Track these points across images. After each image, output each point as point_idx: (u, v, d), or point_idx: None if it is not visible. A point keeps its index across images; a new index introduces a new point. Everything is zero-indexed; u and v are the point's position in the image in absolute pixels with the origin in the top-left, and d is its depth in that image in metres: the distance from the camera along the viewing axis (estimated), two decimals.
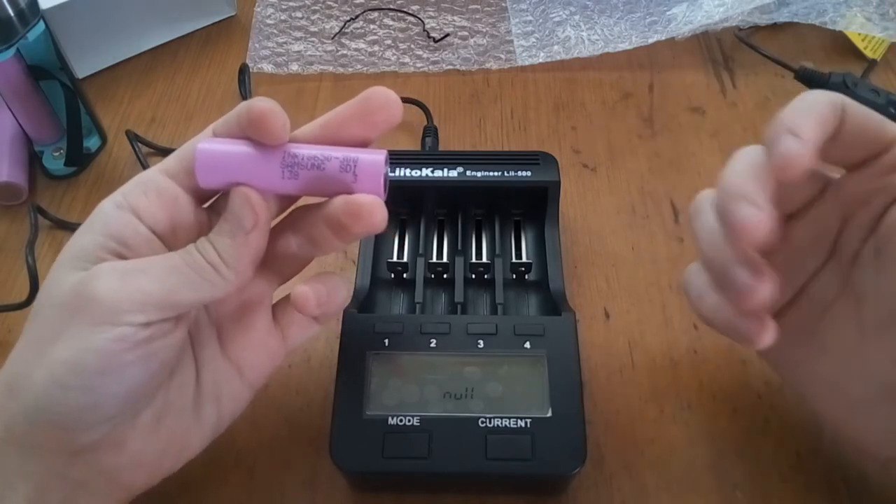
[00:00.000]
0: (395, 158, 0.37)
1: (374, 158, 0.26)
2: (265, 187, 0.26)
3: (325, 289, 0.28)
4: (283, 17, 0.53)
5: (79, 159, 0.44)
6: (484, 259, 0.37)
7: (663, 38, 0.49)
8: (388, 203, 0.26)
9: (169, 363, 0.26)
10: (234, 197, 0.25)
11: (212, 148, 0.26)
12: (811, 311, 0.28)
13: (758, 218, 0.22)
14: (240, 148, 0.25)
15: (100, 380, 0.23)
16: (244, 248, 0.25)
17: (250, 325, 0.29)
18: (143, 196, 0.26)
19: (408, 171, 0.37)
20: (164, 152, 0.45)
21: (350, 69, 0.49)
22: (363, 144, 0.27)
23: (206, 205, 0.28)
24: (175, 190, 0.26)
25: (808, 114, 0.24)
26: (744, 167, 0.24)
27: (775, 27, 0.49)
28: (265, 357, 0.29)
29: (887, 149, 0.25)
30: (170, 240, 0.26)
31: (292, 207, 0.29)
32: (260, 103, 0.25)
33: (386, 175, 0.26)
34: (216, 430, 0.29)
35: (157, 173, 0.27)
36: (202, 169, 0.25)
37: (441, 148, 0.45)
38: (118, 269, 0.24)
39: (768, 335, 0.25)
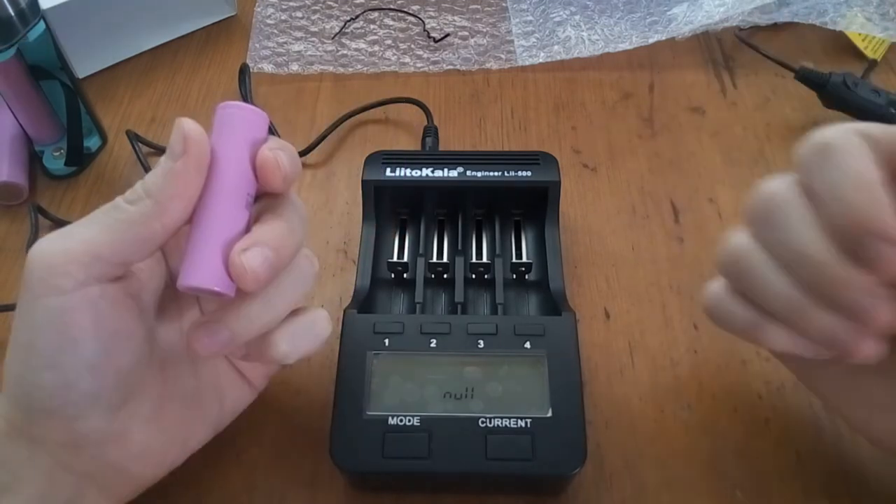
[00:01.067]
0: (395, 158, 0.37)
1: (183, 277, 0.24)
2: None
3: (288, 335, 0.26)
4: (283, 17, 0.53)
5: (79, 159, 0.44)
6: (484, 259, 0.37)
7: (663, 38, 0.49)
8: (388, 203, 0.26)
9: (128, 338, 0.25)
10: (175, 126, 0.24)
11: (237, 114, 0.25)
12: None
13: None
14: (237, 143, 0.25)
15: (59, 356, 0.23)
16: (170, 178, 0.23)
17: None
18: None
19: (408, 171, 0.37)
20: (165, 152, 0.45)
21: (350, 69, 0.49)
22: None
23: None
24: None
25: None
26: (866, 187, 0.22)
27: (775, 27, 0.49)
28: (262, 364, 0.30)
29: None
30: (171, 246, 0.27)
31: None
32: (272, 157, 0.24)
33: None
34: (219, 422, 0.29)
35: None
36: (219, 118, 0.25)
37: (441, 148, 0.45)
38: (46, 237, 0.24)
39: (874, 347, 0.24)
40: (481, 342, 0.32)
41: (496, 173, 0.36)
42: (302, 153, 0.44)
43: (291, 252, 0.25)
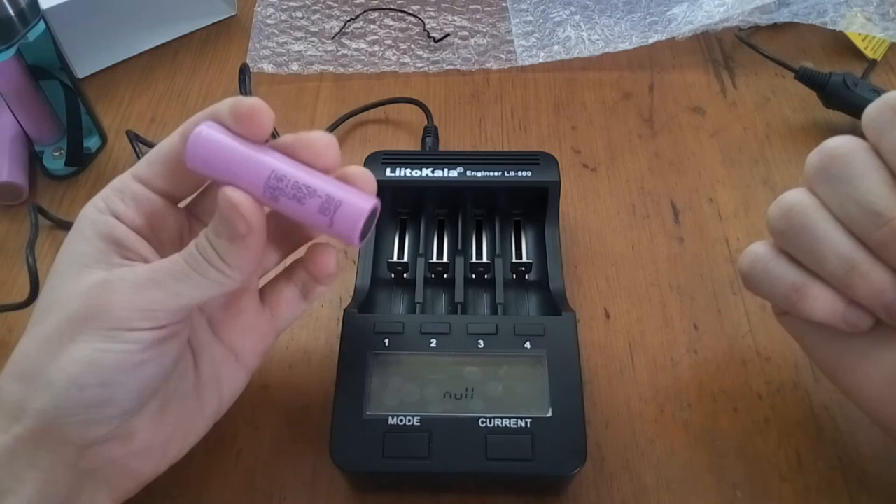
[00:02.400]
0: (395, 158, 0.37)
1: (355, 212, 0.24)
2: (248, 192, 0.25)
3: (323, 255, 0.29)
4: (283, 17, 0.53)
5: (79, 159, 0.44)
6: (484, 259, 0.37)
7: (663, 38, 0.49)
8: (388, 203, 0.26)
9: (179, 358, 0.27)
10: (224, 204, 0.24)
11: (208, 135, 0.25)
12: None
13: None
14: (232, 147, 0.25)
15: (118, 376, 0.24)
16: (245, 251, 0.25)
17: (239, 310, 0.29)
18: (121, 202, 0.26)
19: (408, 171, 0.37)
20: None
21: (350, 69, 0.49)
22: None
23: (181, 204, 0.29)
24: (149, 195, 0.27)
25: None
26: None
27: (775, 27, 0.50)
28: (257, 339, 0.30)
29: None
30: (153, 241, 0.27)
31: None
32: (248, 99, 0.25)
33: (366, 225, 0.25)
34: (217, 413, 0.29)
35: (130, 179, 0.27)
36: (192, 152, 0.25)
37: (441, 148, 0.45)
38: (128, 280, 0.24)
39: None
40: (481, 342, 0.32)
41: (496, 173, 0.36)
42: None
43: None
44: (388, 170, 0.37)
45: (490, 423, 0.29)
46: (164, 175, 0.27)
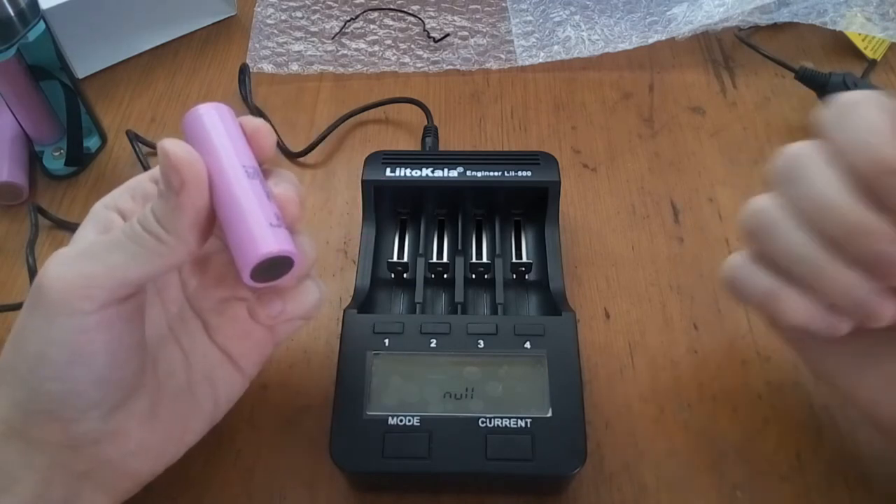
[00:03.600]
0: (395, 158, 0.37)
1: (248, 259, 0.24)
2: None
3: (282, 301, 0.27)
4: (283, 17, 0.53)
5: (79, 159, 0.44)
6: (484, 259, 0.37)
7: (663, 38, 0.49)
8: (388, 203, 0.26)
9: (136, 348, 0.26)
10: (159, 154, 0.23)
11: (204, 112, 0.26)
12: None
13: None
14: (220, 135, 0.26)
15: (70, 370, 0.24)
16: (179, 211, 0.23)
17: (233, 317, 0.29)
18: (129, 200, 0.27)
19: (408, 171, 0.37)
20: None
21: (350, 69, 0.49)
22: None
23: None
24: None
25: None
26: (884, 130, 0.23)
27: (775, 27, 0.50)
28: (253, 347, 0.30)
29: None
30: None
31: None
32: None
33: (256, 270, 0.24)
34: (214, 415, 0.29)
35: (146, 180, 0.28)
36: (185, 127, 0.26)
37: (441, 148, 0.45)
38: (63, 256, 0.24)
39: (893, 308, 0.25)
40: (481, 342, 0.32)
41: (496, 173, 0.36)
42: (302, 153, 0.44)
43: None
44: (388, 170, 0.37)
45: (490, 423, 0.29)
46: None
